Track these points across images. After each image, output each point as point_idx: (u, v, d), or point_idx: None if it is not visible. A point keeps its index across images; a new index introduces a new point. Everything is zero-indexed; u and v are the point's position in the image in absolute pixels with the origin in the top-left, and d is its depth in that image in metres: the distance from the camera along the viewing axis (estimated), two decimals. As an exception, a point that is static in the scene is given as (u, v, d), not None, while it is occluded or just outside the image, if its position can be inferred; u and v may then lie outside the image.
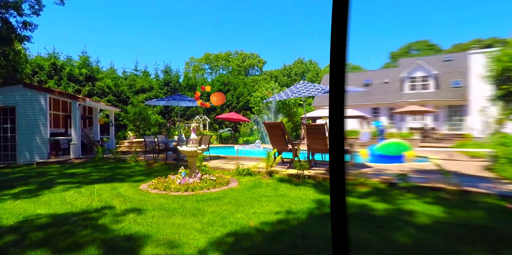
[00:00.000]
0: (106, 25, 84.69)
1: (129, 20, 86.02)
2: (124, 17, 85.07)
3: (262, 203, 4.42)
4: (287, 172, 6.76)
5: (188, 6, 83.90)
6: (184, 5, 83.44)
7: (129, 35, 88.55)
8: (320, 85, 6.82)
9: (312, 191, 5.23)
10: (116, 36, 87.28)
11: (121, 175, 7.06)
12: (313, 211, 4.07)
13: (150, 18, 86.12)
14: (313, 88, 6.78)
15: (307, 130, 6.83)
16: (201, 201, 4.47)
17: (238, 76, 34.84)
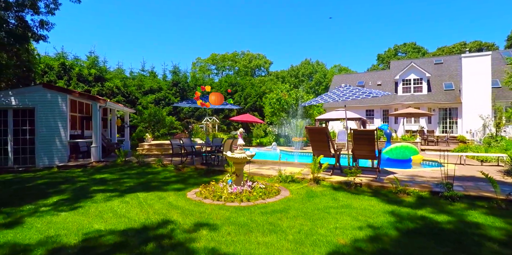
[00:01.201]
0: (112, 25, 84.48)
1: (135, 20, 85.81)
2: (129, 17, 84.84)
3: (333, 215, 4.05)
4: (333, 179, 6.40)
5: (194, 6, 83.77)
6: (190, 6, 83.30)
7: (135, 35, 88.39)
8: (366, 89, 6.49)
9: (375, 201, 4.86)
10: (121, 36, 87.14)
11: (156, 181, 6.65)
12: (396, 225, 3.70)
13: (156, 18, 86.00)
14: (359, 91, 6.44)
15: (354, 136, 6.47)
16: (267, 214, 4.08)
17: (245, 77, 34.49)
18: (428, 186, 5.76)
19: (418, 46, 45.16)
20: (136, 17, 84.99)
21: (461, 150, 12.20)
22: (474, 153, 10.04)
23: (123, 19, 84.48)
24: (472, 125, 19.24)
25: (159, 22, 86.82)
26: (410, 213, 4.22)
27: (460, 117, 20.35)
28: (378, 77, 27.01)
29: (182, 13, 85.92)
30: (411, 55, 43.39)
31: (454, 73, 22.97)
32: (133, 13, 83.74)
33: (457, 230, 3.60)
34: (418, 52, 44.25)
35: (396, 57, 45.75)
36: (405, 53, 45.51)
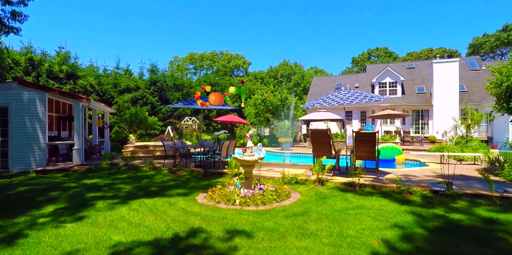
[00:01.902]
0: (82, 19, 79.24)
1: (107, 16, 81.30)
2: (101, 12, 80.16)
3: (354, 217, 4.10)
4: (336, 180, 6.50)
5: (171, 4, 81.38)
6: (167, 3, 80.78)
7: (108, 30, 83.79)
8: (368, 93, 6.69)
9: (384, 201, 5.01)
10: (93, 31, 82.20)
11: (154, 186, 6.32)
12: (419, 224, 3.83)
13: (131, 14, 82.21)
14: (361, 95, 6.62)
15: (356, 137, 6.64)
16: (291, 217, 4.04)
17: (225, 77, 34.15)
18: (426, 185, 6.04)
19: (389, 51, 47.68)
20: (108, 12, 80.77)
21: (438, 150, 13.01)
22: (454, 153, 10.74)
23: (94, 14, 79.84)
24: (442, 126, 20.67)
25: (134, 18, 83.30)
26: (424, 212, 4.39)
27: (431, 119, 21.75)
28: (355, 80, 28.06)
29: (159, 10, 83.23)
30: (383, 59, 45.69)
31: (426, 77, 24.51)
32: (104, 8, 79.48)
33: (473, 226, 3.81)
34: (390, 56, 46.72)
35: (369, 61, 47.90)
36: (378, 57, 47.82)
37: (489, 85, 7.40)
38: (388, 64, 27.16)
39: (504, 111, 7.01)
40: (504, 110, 6.98)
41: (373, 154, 6.69)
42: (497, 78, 7.02)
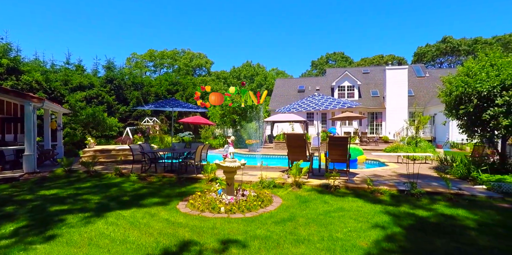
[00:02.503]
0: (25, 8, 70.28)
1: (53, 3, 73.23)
2: None
3: (338, 219, 4.32)
4: (311, 182, 6.75)
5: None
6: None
7: (55, 21, 75.56)
8: (340, 99, 7.07)
9: (361, 202, 5.34)
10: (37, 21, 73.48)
11: (126, 195, 5.92)
12: (396, 223, 4.16)
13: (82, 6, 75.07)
14: (334, 101, 6.96)
15: (330, 141, 6.97)
16: (280, 223, 4.10)
17: (187, 76, 33.22)
18: (393, 185, 6.58)
19: (346, 56, 50.76)
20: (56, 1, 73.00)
21: (393, 150, 14.21)
22: (408, 153, 11.82)
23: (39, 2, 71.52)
24: (394, 127, 22.59)
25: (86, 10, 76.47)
26: (396, 211, 4.79)
27: (384, 120, 23.64)
28: (316, 83, 29.32)
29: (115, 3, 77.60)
30: (340, 64, 48.51)
31: (379, 82, 26.57)
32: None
33: (440, 222, 4.26)
34: (346, 61, 49.76)
35: (328, 64, 50.46)
36: (335, 61, 50.62)
37: (440, 93, 8.32)
38: (347, 69, 28.88)
39: (453, 117, 7.93)
40: (453, 116, 7.89)
41: (345, 157, 7.09)
42: (447, 87, 7.93)
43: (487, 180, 6.69)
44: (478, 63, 7.68)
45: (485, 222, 4.29)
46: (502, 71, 6.95)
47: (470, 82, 7.26)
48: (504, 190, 6.26)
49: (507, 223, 4.24)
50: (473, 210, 4.88)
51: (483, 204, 5.28)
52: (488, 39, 41.31)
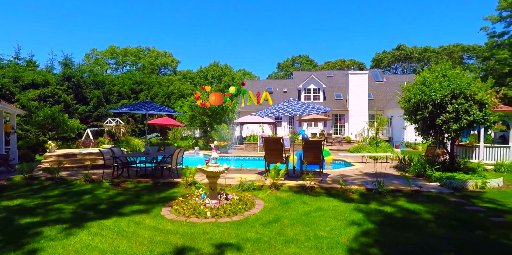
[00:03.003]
0: None
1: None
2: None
3: (319, 219, 4.66)
4: (288, 184, 7.08)
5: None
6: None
7: None
8: (315, 105, 7.51)
9: (336, 201, 5.77)
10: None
11: (103, 203, 5.70)
12: (369, 220, 4.61)
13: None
14: (309, 107, 7.38)
15: (305, 145, 7.36)
16: (267, 225, 4.31)
17: (152, 75, 32.01)
18: (361, 184, 7.16)
19: (310, 59, 52.78)
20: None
21: (357, 150, 15.24)
22: (371, 153, 12.79)
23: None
24: (356, 128, 24.08)
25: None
26: (367, 208, 5.27)
27: (347, 122, 25.10)
28: (283, 85, 30.12)
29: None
30: (305, 66, 50.33)
31: (342, 85, 28.12)
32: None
33: (404, 217, 4.81)
34: (310, 64, 51.75)
35: (293, 67, 52.03)
36: (300, 64, 52.39)
37: (400, 100, 9.19)
38: (312, 73, 30.10)
39: (411, 121, 8.82)
40: (411, 120, 8.78)
41: (319, 159, 7.54)
42: (406, 95, 8.79)
43: (440, 177, 7.59)
44: (432, 74, 8.63)
45: (441, 215, 4.92)
46: (452, 82, 7.91)
47: (426, 91, 8.15)
48: (453, 186, 7.17)
49: (457, 215, 4.91)
50: (430, 204, 5.55)
51: (438, 199, 6.02)
52: (436, 48, 45.90)
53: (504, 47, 29.24)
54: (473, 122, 7.79)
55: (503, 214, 5.01)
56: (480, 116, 7.68)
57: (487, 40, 31.38)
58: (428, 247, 3.59)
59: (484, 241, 3.84)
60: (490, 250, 3.56)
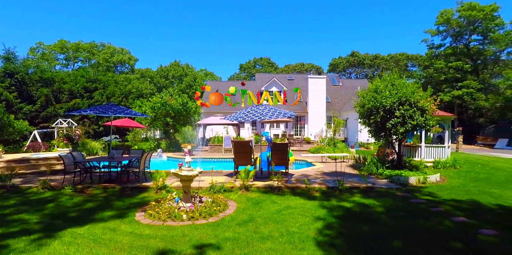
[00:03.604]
0: None
1: None
2: None
3: (289, 216, 5.09)
4: (256, 185, 7.45)
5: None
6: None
7: None
8: (281, 109, 8.00)
9: (302, 200, 6.28)
10: None
11: (71, 211, 5.47)
12: (331, 214, 5.17)
13: None
14: (276, 111, 7.84)
15: (273, 147, 7.80)
16: (243, 225, 4.61)
17: (107, 73, 30.14)
18: (323, 183, 7.82)
19: (271, 62, 54.11)
20: None
21: (317, 150, 16.22)
22: (330, 154, 13.75)
23: None
24: (315, 129, 25.45)
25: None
26: (329, 204, 5.86)
27: (306, 123, 26.41)
28: (246, 87, 30.53)
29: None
30: (266, 69, 51.49)
31: (302, 88, 29.37)
32: None
33: (361, 211, 5.47)
34: (272, 66, 53.07)
35: (255, 68, 52.87)
36: (262, 66, 53.45)
37: (356, 105, 10.14)
38: (274, 75, 31.05)
39: (366, 125, 9.78)
40: (366, 124, 9.74)
41: (285, 160, 8.04)
42: (362, 101, 9.74)
43: (389, 175, 8.59)
44: (383, 82, 9.68)
45: (391, 208, 5.69)
46: (399, 90, 8.99)
47: (378, 98, 9.13)
48: (400, 182, 8.18)
49: (404, 208, 5.71)
50: (382, 199, 6.34)
51: (388, 194, 6.87)
52: (385, 56, 50.28)
53: (440, 58, 33.20)
54: (416, 126, 8.94)
55: (439, 205, 5.95)
56: (422, 121, 8.85)
57: (427, 51, 35.35)
58: (382, 235, 4.21)
59: (425, 228, 4.59)
60: (429, 235, 4.29)
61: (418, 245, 3.87)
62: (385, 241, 4.02)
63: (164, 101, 17.19)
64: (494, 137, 28.23)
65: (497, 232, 4.36)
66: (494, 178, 9.37)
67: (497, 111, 27.63)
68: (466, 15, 30.12)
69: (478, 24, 30.85)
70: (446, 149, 12.13)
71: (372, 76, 48.95)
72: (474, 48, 32.26)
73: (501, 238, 4.13)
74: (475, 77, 31.26)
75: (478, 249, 3.76)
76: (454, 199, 6.44)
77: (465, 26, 31.33)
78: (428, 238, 4.13)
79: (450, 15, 31.34)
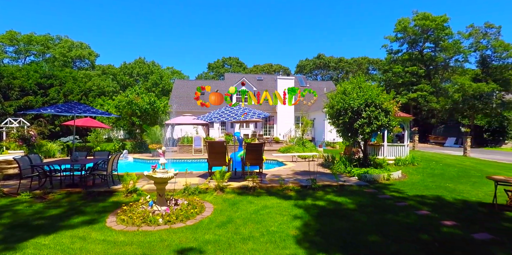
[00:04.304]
0: None
1: None
2: None
3: (267, 216, 5.15)
4: (231, 185, 7.41)
5: None
6: None
7: None
8: (256, 110, 8.06)
9: (278, 199, 6.37)
10: None
11: (30, 220, 4.99)
12: (307, 213, 5.33)
13: None
14: (250, 112, 7.89)
15: (247, 147, 7.81)
16: (222, 227, 4.57)
17: (64, 69, 27.95)
18: (296, 182, 8.00)
19: (240, 61, 54.06)
20: None
21: (287, 150, 16.54)
22: (300, 153, 14.11)
23: None
24: (284, 129, 25.95)
25: None
26: (304, 204, 6.03)
27: (275, 123, 26.83)
28: (215, 86, 30.18)
29: None
30: (235, 69, 51.36)
31: (271, 89, 29.80)
32: None
33: (335, 208, 5.71)
34: (240, 66, 53.05)
35: (224, 68, 52.48)
36: (231, 66, 53.21)
37: (325, 106, 10.53)
38: (244, 75, 31.11)
39: (335, 125, 10.20)
40: (335, 124, 10.16)
41: (260, 160, 8.11)
42: (331, 102, 10.14)
43: (358, 173, 9.06)
44: (351, 85, 10.17)
45: (361, 204, 6.01)
46: (366, 93, 9.51)
47: (346, 99, 9.57)
48: (368, 179, 8.67)
49: (373, 203, 6.08)
50: (353, 196, 6.66)
51: (357, 191, 7.24)
52: (348, 59, 52.83)
53: (398, 63, 35.70)
54: (381, 126, 9.52)
55: (404, 200, 6.41)
56: (386, 121, 9.44)
57: (386, 56, 37.81)
58: (357, 230, 4.44)
59: (394, 221, 4.92)
60: (399, 228, 4.60)
61: (390, 237, 4.14)
62: (359, 235, 4.24)
63: (130, 100, 16.36)
64: (444, 136, 31.11)
65: (456, 223, 4.82)
66: (447, 174, 10.31)
67: (446, 112, 30.43)
68: (420, 24, 32.75)
69: (430, 33, 33.72)
70: (405, 147, 13.09)
71: (337, 78, 51.27)
72: (427, 55, 35.22)
73: (461, 228, 4.57)
74: (428, 81, 34.13)
75: (443, 239, 4.13)
76: (417, 194, 6.98)
77: (419, 34, 34.06)
78: (398, 231, 4.44)
79: (407, 24, 33.86)
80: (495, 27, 26.54)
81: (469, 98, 25.82)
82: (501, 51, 25.57)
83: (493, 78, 26.08)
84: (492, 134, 28.38)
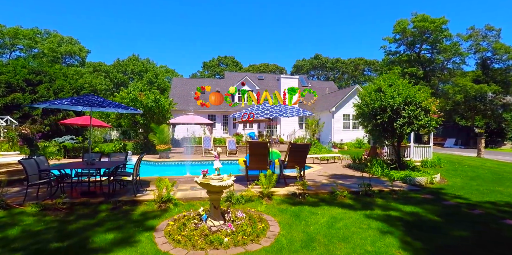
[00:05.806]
0: None
1: None
2: None
3: (347, 230, 4.32)
4: (277, 192, 6.50)
5: None
6: None
7: None
8: (299, 108, 7.25)
9: (338, 209, 5.48)
10: None
11: (53, 239, 3.94)
12: (392, 224, 4.51)
13: None
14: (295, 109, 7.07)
15: (291, 148, 6.94)
16: (309, 248, 3.69)
17: (54, 65, 26.15)
18: (343, 187, 7.15)
19: (236, 61, 52.98)
20: None
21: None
22: (321, 154, 13.34)
23: None
24: (287, 130, 25.23)
25: None
26: (375, 213, 5.21)
27: (279, 124, 26.06)
28: (216, 85, 29.18)
29: None
30: (231, 68, 50.26)
31: (272, 88, 29.07)
32: None
33: (416, 220, 4.88)
34: (236, 65, 51.98)
35: (219, 67, 51.26)
36: (226, 65, 52.06)
37: (358, 105, 9.75)
38: (246, 74, 30.16)
39: (370, 125, 9.36)
40: (370, 125, 9.33)
41: (303, 163, 7.23)
42: (367, 101, 9.35)
43: (398, 176, 8.35)
44: (385, 82, 9.48)
45: (438, 214, 5.23)
46: (405, 91, 8.85)
47: (383, 97, 8.87)
48: (412, 183, 7.96)
49: (447, 212, 5.33)
50: (418, 204, 5.85)
51: (417, 198, 6.41)
52: (345, 60, 52.83)
53: (396, 64, 35.74)
54: (421, 126, 8.87)
55: (475, 207, 5.70)
56: (426, 121, 8.81)
57: (384, 57, 37.83)
58: (462, 246, 3.66)
59: (493, 235, 4.16)
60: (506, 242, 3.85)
61: None
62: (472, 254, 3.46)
63: (134, 97, 15.12)
64: (443, 137, 31.26)
65: None
66: (482, 176, 9.76)
67: (445, 114, 30.58)
68: (419, 26, 32.86)
69: (428, 34, 33.91)
70: (431, 148, 12.56)
71: (333, 79, 51.05)
72: (424, 56, 35.42)
73: None
74: (426, 83, 34.29)
75: None
76: (482, 201, 6.29)
77: (418, 36, 34.19)
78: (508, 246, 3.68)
79: (406, 25, 33.93)
80: (495, 30, 26.84)
81: (471, 99, 25.94)
82: (501, 54, 25.82)
83: (493, 80, 26.32)
84: (489, 135, 28.69)
